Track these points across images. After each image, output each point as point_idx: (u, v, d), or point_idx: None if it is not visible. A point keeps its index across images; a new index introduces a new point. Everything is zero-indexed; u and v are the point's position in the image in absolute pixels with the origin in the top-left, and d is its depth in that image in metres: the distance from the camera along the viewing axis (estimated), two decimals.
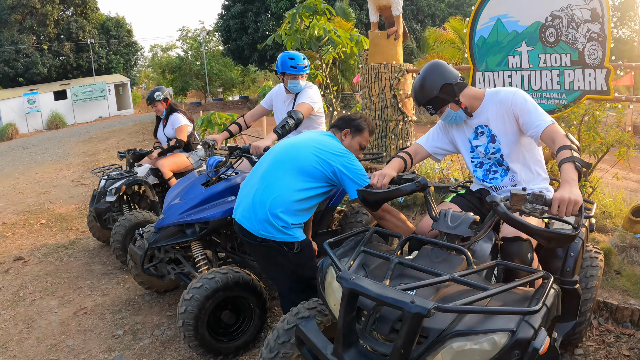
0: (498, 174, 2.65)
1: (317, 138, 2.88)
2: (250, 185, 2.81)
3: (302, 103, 3.78)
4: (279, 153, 2.83)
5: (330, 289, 2.05)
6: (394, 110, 5.92)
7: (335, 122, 3.07)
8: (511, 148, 2.54)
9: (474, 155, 2.71)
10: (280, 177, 2.72)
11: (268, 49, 23.16)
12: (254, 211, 2.69)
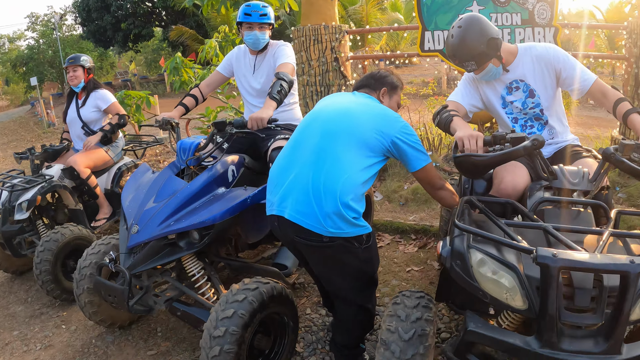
0: (535, 128, 2.63)
1: (363, 101, 2.36)
2: (299, 169, 2.16)
3: (284, 63, 3.09)
4: (329, 122, 2.23)
5: (486, 276, 1.69)
6: (335, 74, 5.36)
7: (364, 81, 2.55)
8: (550, 102, 2.56)
9: (507, 110, 2.64)
10: (343, 154, 2.14)
11: (133, 28, 21.07)
12: (319, 203, 2.05)
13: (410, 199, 5.11)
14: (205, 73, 5.21)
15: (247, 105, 3.41)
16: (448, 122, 2.37)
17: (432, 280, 3.54)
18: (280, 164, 2.29)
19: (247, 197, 2.52)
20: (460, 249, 1.76)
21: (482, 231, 1.72)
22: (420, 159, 2.28)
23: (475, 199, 2.00)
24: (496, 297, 1.67)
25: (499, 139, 2.00)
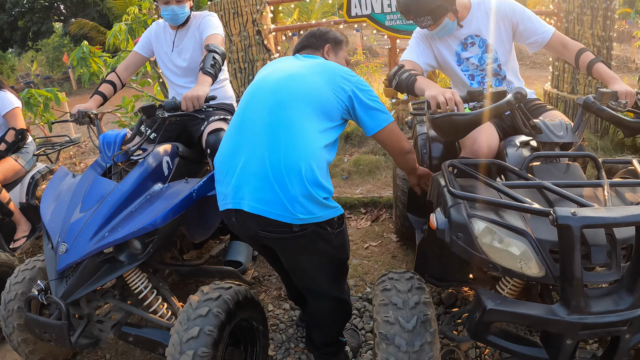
0: (492, 84, 2.50)
1: (309, 62, 2.08)
2: (250, 151, 1.85)
3: (212, 34, 2.72)
4: (276, 92, 1.93)
5: (494, 246, 1.52)
6: (259, 48, 4.99)
7: (304, 42, 2.28)
8: (507, 56, 2.47)
9: (462, 67, 2.51)
10: (300, 124, 1.86)
11: (32, 25, 19.16)
12: (283, 186, 1.76)
13: (353, 171, 4.90)
14: (116, 61, 4.65)
15: (173, 87, 3.00)
16: (411, 82, 2.14)
17: (394, 254, 3.37)
18: (227, 149, 1.97)
19: (191, 192, 2.15)
20: (461, 220, 1.55)
21: (487, 197, 1.52)
22: (381, 118, 2.03)
23: (459, 162, 1.78)
24: (509, 267, 1.50)
25: (476, 95, 1.80)
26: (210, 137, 2.53)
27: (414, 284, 1.80)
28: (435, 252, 2.19)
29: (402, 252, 3.39)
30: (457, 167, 1.78)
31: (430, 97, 1.83)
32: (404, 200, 3.08)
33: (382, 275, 1.92)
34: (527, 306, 1.47)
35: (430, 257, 2.24)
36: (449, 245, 1.58)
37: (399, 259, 3.30)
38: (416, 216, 3.00)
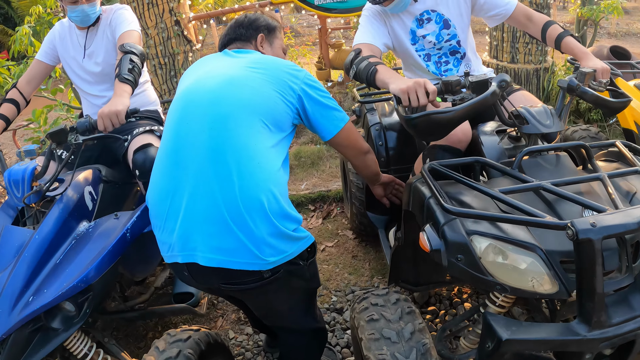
0: (451, 64, 2.30)
1: (244, 60, 1.74)
2: (193, 187, 1.51)
3: (127, 32, 2.33)
4: (214, 104, 1.58)
5: (501, 265, 1.33)
6: (179, 40, 4.53)
7: (231, 34, 1.93)
8: (466, 33, 2.28)
9: (417, 47, 2.26)
10: (250, 142, 1.54)
11: None
12: (245, 228, 1.45)
13: (295, 165, 4.61)
14: (22, 69, 4.07)
15: (87, 98, 2.57)
16: (371, 73, 1.87)
17: (354, 253, 3.15)
18: (162, 186, 1.59)
19: (124, 232, 1.80)
20: (459, 239, 1.34)
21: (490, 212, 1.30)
22: (337, 119, 1.77)
23: (439, 165, 1.55)
24: (519, 286, 1.32)
25: (453, 85, 1.56)
26: (137, 156, 2.16)
27: (403, 308, 1.58)
28: (409, 258, 2.00)
29: (362, 250, 3.17)
30: (438, 170, 1.55)
31: (399, 92, 1.57)
32: (360, 198, 2.85)
33: (361, 299, 1.69)
34: (543, 329, 1.29)
35: (404, 264, 2.05)
36: (447, 268, 1.36)
37: (360, 259, 3.09)
38: (377, 214, 2.79)
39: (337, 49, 5.94)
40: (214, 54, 1.89)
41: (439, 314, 2.52)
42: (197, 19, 4.93)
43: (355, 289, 2.77)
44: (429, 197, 1.46)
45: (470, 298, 2.64)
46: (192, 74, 1.80)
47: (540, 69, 4.58)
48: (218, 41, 1.97)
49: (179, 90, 1.74)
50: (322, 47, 5.79)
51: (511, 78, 2.33)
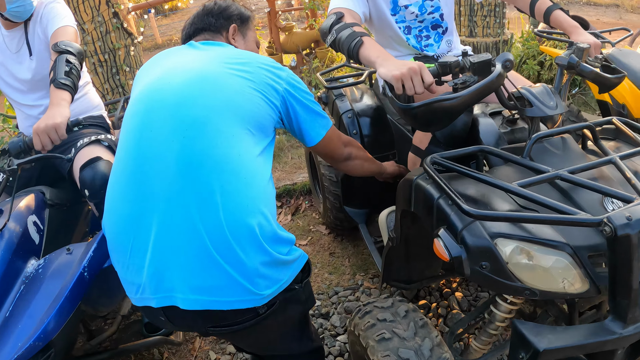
0: (432, 39, 2.12)
1: (216, 54, 1.49)
2: (162, 214, 1.25)
3: (61, 28, 2.05)
4: (183, 107, 1.32)
5: (530, 268, 1.19)
6: (118, 33, 4.17)
7: (198, 23, 1.68)
8: (450, 6, 2.12)
9: (397, 18, 2.06)
10: (233, 151, 1.30)
11: None
12: (234, 261, 1.22)
13: None
14: None
15: (20, 109, 2.24)
16: (356, 45, 1.61)
17: (331, 251, 2.97)
18: (120, 212, 1.31)
19: (80, 271, 1.52)
20: (483, 244, 1.17)
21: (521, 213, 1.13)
22: (322, 123, 1.58)
23: (442, 159, 1.38)
24: (549, 289, 1.19)
25: (452, 67, 1.38)
26: (84, 173, 1.87)
27: (416, 321, 1.42)
28: (401, 256, 1.85)
29: (339, 246, 3.00)
30: (442, 164, 1.37)
31: (393, 79, 1.36)
32: (335, 192, 2.66)
33: (363, 314, 1.51)
34: (578, 333, 1.16)
35: (396, 262, 1.90)
36: (470, 277, 1.20)
37: (339, 256, 2.91)
38: (356, 208, 2.61)
39: (288, 32, 5.70)
40: (176, 47, 1.61)
41: (431, 308, 2.39)
42: (136, 9, 4.58)
43: (338, 290, 2.60)
44: (439, 197, 1.28)
45: (459, 287, 2.52)
46: (151, 70, 1.51)
47: (499, 41, 4.51)
48: (157, 33, 1.70)
49: (136, 91, 1.46)
50: (272, 31, 5.54)
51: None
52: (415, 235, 1.70)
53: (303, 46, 5.69)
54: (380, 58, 1.49)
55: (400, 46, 2.10)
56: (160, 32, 11.12)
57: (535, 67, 4.37)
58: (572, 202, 1.29)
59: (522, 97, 1.47)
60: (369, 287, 2.57)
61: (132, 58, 4.34)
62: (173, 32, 11.55)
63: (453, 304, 2.40)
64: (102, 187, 1.73)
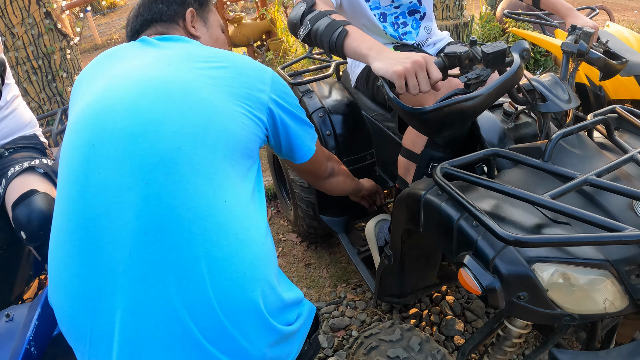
0: (409, 25, 1.94)
1: (177, 53, 1.15)
2: (131, 289, 0.92)
3: None
4: (148, 128, 0.98)
5: (571, 292, 1.05)
6: (52, 36, 3.79)
7: (145, 14, 1.33)
8: None
9: (371, 4, 1.87)
10: (221, 196, 0.98)
11: None
12: (233, 350, 0.94)
13: None
14: None
15: None
16: (339, 37, 1.35)
17: (306, 261, 2.76)
18: (69, 291, 0.97)
19: (26, 347, 1.22)
20: (521, 272, 1.00)
21: (565, 235, 0.95)
22: (311, 135, 1.35)
23: (453, 168, 1.19)
24: (590, 312, 1.05)
25: (463, 58, 1.19)
26: (18, 212, 1.58)
27: (433, 353, 1.24)
28: (395, 272, 1.69)
29: (314, 255, 2.80)
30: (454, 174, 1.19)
31: (394, 76, 1.14)
32: (308, 199, 2.45)
33: (369, 349, 1.32)
34: (622, 356, 1.05)
35: (390, 278, 1.74)
36: (507, 311, 1.03)
37: (315, 267, 2.71)
38: (333, 217, 2.41)
39: (237, 23, 5.41)
40: (124, 45, 1.25)
41: (423, 316, 2.24)
42: (71, 8, 4.18)
43: (321, 306, 2.40)
44: (459, 217, 1.10)
45: (449, 290, 2.38)
46: (94, 79, 1.15)
47: (459, 24, 4.40)
48: (96, 33, 1.40)
49: (75, 110, 1.10)
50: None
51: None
52: (410, 248, 1.54)
53: (254, 38, 5.42)
54: (374, 50, 1.25)
55: (377, 36, 1.91)
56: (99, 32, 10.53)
57: None
58: (600, 208, 1.15)
59: (533, 90, 1.30)
60: (354, 299, 2.39)
61: (69, 62, 3.96)
62: (112, 30, 10.96)
63: (445, 309, 2.26)
64: (41, 227, 1.46)
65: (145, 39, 1.23)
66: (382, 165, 2.29)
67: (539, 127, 1.36)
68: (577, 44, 1.38)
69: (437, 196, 1.18)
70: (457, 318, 2.20)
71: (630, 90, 2.76)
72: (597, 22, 7.02)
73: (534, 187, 1.20)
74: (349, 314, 2.30)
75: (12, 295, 1.77)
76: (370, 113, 2.22)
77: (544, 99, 1.29)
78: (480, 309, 2.23)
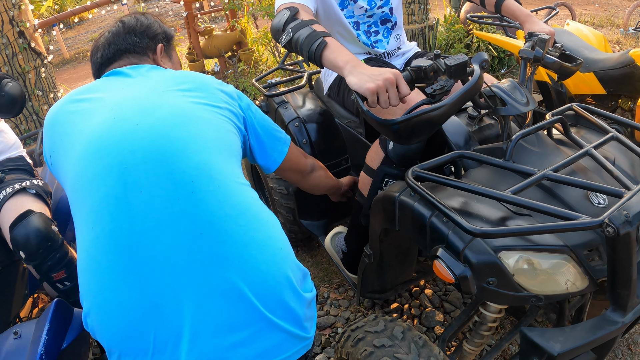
0: (380, 34, 2.03)
1: (164, 81, 1.27)
2: (198, 282, 1.03)
3: None
4: (180, 145, 1.12)
5: (535, 276, 1.18)
6: (26, 55, 3.80)
7: (119, 44, 1.40)
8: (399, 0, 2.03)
9: (346, 12, 1.94)
10: (244, 192, 1.18)
11: None
12: (288, 316, 1.11)
13: None
14: None
15: None
16: (319, 48, 1.44)
17: None
18: (122, 304, 1.02)
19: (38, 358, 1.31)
20: (488, 260, 1.13)
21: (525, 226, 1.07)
22: (282, 140, 1.49)
23: (424, 172, 1.31)
24: (554, 292, 1.19)
25: (427, 71, 1.30)
26: (17, 233, 1.65)
27: (415, 340, 1.36)
28: (375, 269, 1.79)
29: (298, 258, 2.88)
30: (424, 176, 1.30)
31: (367, 92, 1.25)
32: (288, 205, 2.54)
33: (356, 340, 1.42)
34: (585, 330, 1.17)
35: (371, 276, 1.84)
36: (478, 295, 1.15)
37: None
38: (312, 221, 2.51)
39: (208, 35, 5.47)
40: (99, 81, 1.32)
41: (404, 309, 2.35)
42: (43, 26, 4.20)
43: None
44: (431, 215, 1.21)
45: (427, 284, 2.50)
46: (85, 114, 1.18)
47: (424, 27, 4.54)
48: (64, 47, 1.46)
49: (79, 144, 1.14)
50: (191, 36, 5.29)
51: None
52: (388, 246, 1.65)
53: (225, 49, 5.48)
54: (350, 65, 1.34)
55: (351, 43, 2.01)
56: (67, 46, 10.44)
57: (462, 50, 4.45)
58: (559, 200, 1.28)
59: (493, 95, 1.43)
60: (337, 299, 2.49)
61: (43, 81, 3.99)
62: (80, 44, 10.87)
63: (425, 302, 2.37)
64: (39, 246, 1.53)
65: (119, 72, 1.32)
66: (357, 169, 2.40)
67: (501, 129, 1.48)
68: (534, 51, 1.51)
69: (410, 197, 1.29)
70: (437, 310, 2.32)
71: (590, 86, 2.93)
72: (559, 19, 7.18)
73: (498, 184, 1.33)
74: (334, 312, 2.40)
75: (10, 314, 1.82)
76: (343, 120, 2.33)
77: (504, 103, 1.41)
78: (458, 300, 2.35)
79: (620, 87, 2.85)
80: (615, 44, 6.27)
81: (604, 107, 3.02)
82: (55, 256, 1.67)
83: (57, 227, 1.74)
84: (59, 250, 1.68)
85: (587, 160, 1.36)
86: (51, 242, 1.67)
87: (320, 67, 1.51)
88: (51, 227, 1.69)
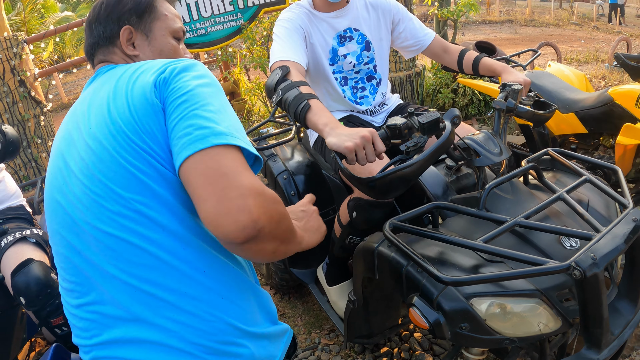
0: (367, 91, 2.13)
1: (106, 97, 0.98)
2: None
3: None
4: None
5: (507, 320, 1.23)
6: (26, 103, 3.91)
7: (89, 37, 1.15)
8: (383, 58, 2.15)
9: (335, 68, 2.05)
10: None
11: None
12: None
13: None
14: None
15: None
16: (303, 110, 1.53)
17: (281, 312, 2.86)
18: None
19: None
20: (460, 307, 1.20)
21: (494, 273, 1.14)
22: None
23: (401, 223, 1.38)
24: (526, 334, 1.25)
25: (402, 129, 1.38)
26: (18, 280, 1.71)
27: None
28: (360, 314, 1.83)
29: (288, 306, 2.90)
30: (400, 227, 1.37)
31: (346, 151, 1.31)
32: None
33: None
34: None
35: (357, 321, 1.88)
36: (453, 339, 1.20)
37: (290, 316, 2.83)
38: (302, 269, 2.55)
39: None
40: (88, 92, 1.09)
41: (394, 354, 2.37)
42: (43, 76, 4.33)
43: (297, 353, 2.51)
44: (406, 265, 1.28)
45: (417, 327, 2.53)
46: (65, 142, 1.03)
47: (412, 74, 4.70)
48: (63, 92, 1.45)
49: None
50: None
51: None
52: (372, 292, 1.70)
53: None
54: (328, 127, 1.42)
55: (336, 102, 2.10)
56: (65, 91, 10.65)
57: (449, 95, 4.59)
58: (531, 245, 1.34)
59: (467, 147, 1.51)
60: (328, 344, 2.51)
61: (42, 128, 4.09)
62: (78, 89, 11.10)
63: (414, 345, 2.39)
64: (39, 292, 1.59)
65: (97, 73, 1.13)
66: None
67: (477, 179, 1.56)
68: (506, 101, 1.59)
69: (388, 248, 1.36)
70: (426, 352, 2.34)
71: (571, 126, 2.99)
72: (546, 58, 7.31)
73: (473, 232, 1.40)
74: (325, 357, 2.42)
75: (9, 357, 1.87)
76: (329, 172, 2.39)
77: (478, 154, 1.49)
78: (447, 342, 2.38)
79: (601, 126, 2.87)
80: (601, 79, 6.44)
81: (587, 145, 3.05)
82: (54, 302, 1.74)
83: (56, 275, 1.80)
84: (58, 297, 1.73)
85: (560, 204, 1.42)
86: (50, 289, 1.74)
87: (305, 127, 1.59)
88: (50, 275, 1.76)
